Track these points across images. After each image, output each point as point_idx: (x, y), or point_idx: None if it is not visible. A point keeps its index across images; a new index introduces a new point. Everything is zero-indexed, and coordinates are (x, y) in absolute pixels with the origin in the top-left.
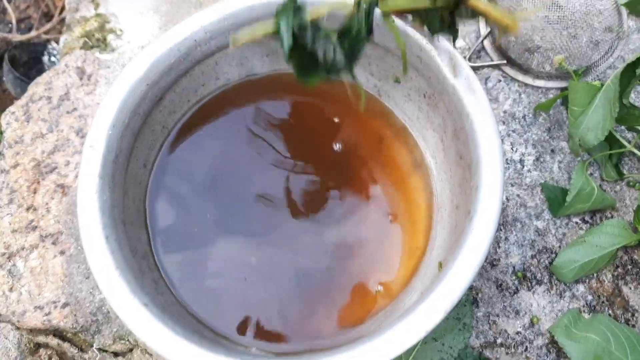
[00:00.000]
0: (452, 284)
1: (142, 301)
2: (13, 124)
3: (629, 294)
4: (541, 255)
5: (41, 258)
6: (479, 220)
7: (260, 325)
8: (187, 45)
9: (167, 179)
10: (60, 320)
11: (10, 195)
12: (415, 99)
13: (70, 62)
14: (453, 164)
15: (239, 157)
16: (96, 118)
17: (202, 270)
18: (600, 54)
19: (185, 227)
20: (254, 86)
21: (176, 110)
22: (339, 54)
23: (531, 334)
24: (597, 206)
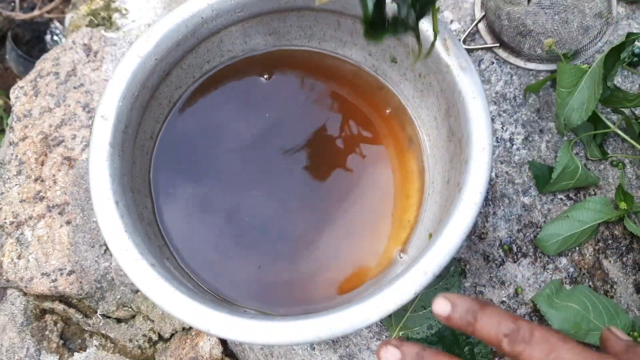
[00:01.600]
0: (441, 248)
1: (150, 262)
2: (22, 98)
3: (608, 266)
4: (527, 230)
5: (48, 227)
6: (468, 190)
7: (259, 289)
8: (194, 22)
9: (170, 150)
10: (66, 286)
11: (18, 166)
12: (410, 79)
13: (77, 39)
14: (445, 141)
15: (239, 129)
16: (107, 90)
17: (203, 237)
18: (590, 38)
19: (186, 196)
20: (255, 62)
21: (182, 85)
22: (412, 13)
23: (515, 303)
24: (581, 184)
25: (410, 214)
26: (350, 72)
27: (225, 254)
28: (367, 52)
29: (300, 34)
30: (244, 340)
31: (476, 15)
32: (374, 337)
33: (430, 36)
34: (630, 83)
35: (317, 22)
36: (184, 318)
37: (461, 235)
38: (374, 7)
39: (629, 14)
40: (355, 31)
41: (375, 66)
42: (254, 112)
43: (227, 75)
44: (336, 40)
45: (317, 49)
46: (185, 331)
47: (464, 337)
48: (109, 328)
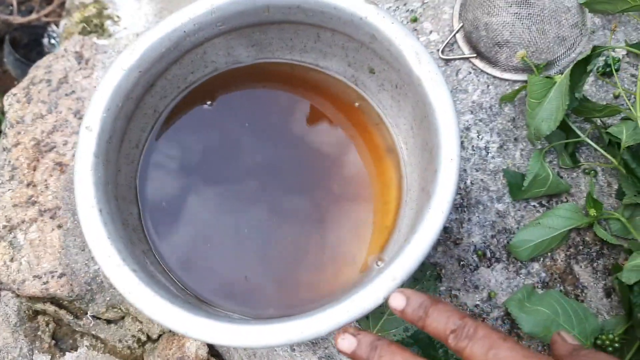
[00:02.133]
0: (409, 255)
1: (131, 267)
2: (15, 105)
3: (579, 272)
4: (501, 236)
5: (40, 231)
6: (436, 199)
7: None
8: (177, 36)
9: (156, 159)
10: (57, 289)
11: (11, 172)
12: (388, 89)
13: (69, 47)
14: (421, 150)
15: (224, 140)
16: (92, 101)
17: (188, 243)
18: (565, 49)
19: (172, 203)
20: (239, 74)
21: (167, 95)
22: None
23: (488, 307)
24: (553, 191)
25: (388, 219)
26: (332, 84)
27: (209, 260)
28: (347, 63)
29: (282, 46)
30: (219, 343)
31: (454, 26)
32: None
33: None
34: (604, 92)
35: (298, 35)
36: (163, 321)
37: (429, 243)
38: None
39: (605, 24)
40: (334, 43)
41: (355, 77)
42: (238, 122)
43: (211, 87)
44: (317, 52)
45: (298, 61)
46: (172, 332)
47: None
48: (99, 329)
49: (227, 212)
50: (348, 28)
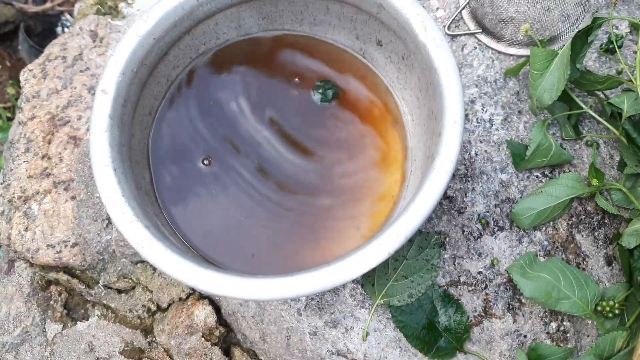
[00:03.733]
0: (413, 213)
1: (144, 224)
2: (31, 80)
3: (581, 240)
4: (504, 205)
5: (54, 202)
6: (440, 159)
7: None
8: (190, 5)
9: (168, 127)
10: (70, 258)
11: (27, 144)
12: (395, 61)
13: (84, 26)
14: (426, 119)
15: (234, 111)
16: (108, 66)
17: (198, 208)
18: (568, 25)
19: (183, 169)
20: (250, 44)
21: (179, 65)
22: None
23: (491, 274)
24: (556, 161)
25: (394, 189)
26: (340, 57)
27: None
28: (355, 36)
29: (292, 19)
30: (227, 295)
31: (460, 2)
32: (358, 304)
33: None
34: (608, 69)
35: (307, 7)
36: (174, 274)
37: (433, 202)
38: None
39: (608, 3)
40: (343, 15)
41: (363, 49)
42: (249, 93)
43: (223, 58)
44: (325, 24)
45: (308, 33)
46: (181, 301)
47: (442, 306)
48: (110, 298)
49: (236, 181)
50: None
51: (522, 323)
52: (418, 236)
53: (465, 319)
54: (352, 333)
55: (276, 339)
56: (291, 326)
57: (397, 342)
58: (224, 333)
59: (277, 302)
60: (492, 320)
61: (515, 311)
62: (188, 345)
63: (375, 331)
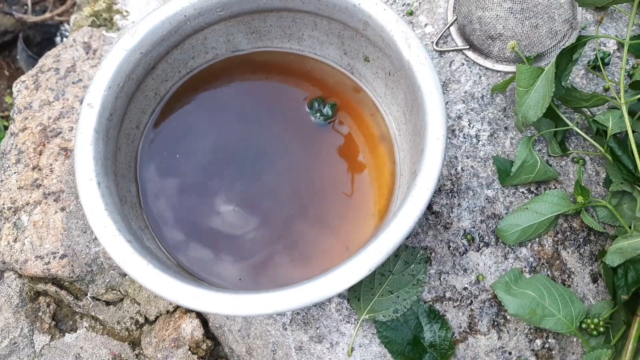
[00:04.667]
0: (395, 230)
1: (126, 238)
2: (23, 92)
3: (566, 257)
4: (490, 221)
5: (43, 213)
6: (422, 177)
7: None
8: (177, 20)
9: (156, 141)
10: (58, 269)
11: (18, 155)
12: (382, 77)
13: (77, 38)
14: (412, 135)
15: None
16: (94, 80)
17: (185, 223)
18: (555, 41)
19: (171, 183)
20: (238, 62)
21: (168, 79)
22: None
23: (477, 289)
24: (541, 178)
25: (381, 203)
26: (328, 74)
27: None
28: (343, 51)
29: (280, 34)
30: (209, 311)
31: (449, 19)
32: (344, 319)
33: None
34: (595, 85)
35: (295, 23)
36: (155, 289)
37: (414, 218)
38: None
39: (597, 21)
40: (330, 31)
41: (351, 65)
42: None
43: (213, 73)
44: (314, 40)
45: (297, 50)
46: (169, 314)
47: (427, 321)
48: (98, 310)
49: (225, 195)
50: (343, 15)
51: (507, 340)
52: (404, 251)
53: (450, 335)
54: (337, 348)
55: (262, 354)
56: (277, 340)
57: (382, 358)
58: (210, 346)
59: (262, 317)
60: (477, 336)
61: (500, 328)
62: (175, 358)
63: (360, 346)
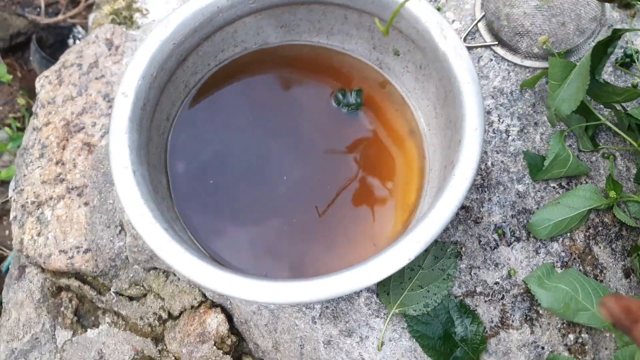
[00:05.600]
0: (434, 220)
1: (163, 226)
2: (46, 87)
3: (598, 252)
4: (520, 215)
5: (67, 208)
6: (460, 166)
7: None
8: (210, 11)
9: (185, 133)
10: (82, 264)
11: (41, 150)
12: (412, 70)
13: (100, 34)
14: (444, 129)
15: (251, 118)
16: (128, 70)
17: (214, 214)
18: (583, 38)
19: (200, 175)
20: (266, 55)
21: (197, 71)
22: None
23: (508, 284)
24: (573, 172)
25: (410, 198)
26: (356, 68)
27: (235, 233)
28: (372, 46)
29: (310, 28)
30: (248, 298)
31: (476, 15)
32: (373, 314)
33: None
34: (623, 82)
35: (325, 16)
36: (193, 277)
37: (453, 208)
38: None
39: (623, 19)
40: (361, 24)
41: (380, 59)
42: (264, 102)
43: (240, 67)
44: (343, 34)
45: (325, 44)
46: (193, 309)
47: (458, 316)
48: (121, 305)
49: (253, 187)
50: (376, 7)
51: (540, 334)
52: (434, 246)
53: (481, 330)
54: (366, 342)
55: (289, 348)
56: (305, 335)
57: (413, 352)
58: (235, 342)
59: (292, 310)
60: (509, 331)
61: (533, 322)
62: (200, 353)
63: (390, 341)
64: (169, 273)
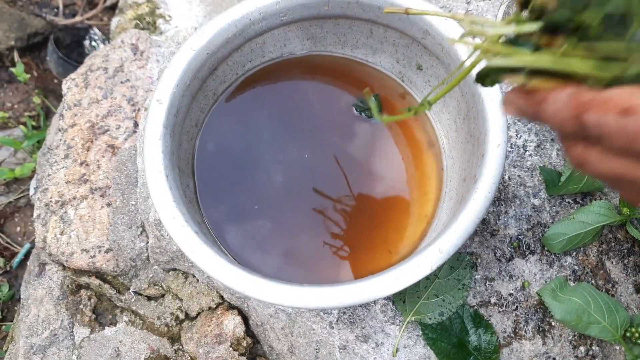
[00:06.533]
0: (456, 231)
1: (194, 229)
2: (73, 89)
3: (610, 267)
4: (536, 229)
5: (90, 208)
6: (483, 181)
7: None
8: (243, 23)
9: (211, 138)
10: (103, 263)
11: (66, 150)
12: (434, 85)
13: (125, 39)
14: (463, 142)
15: (273, 126)
16: (163, 77)
17: (237, 219)
18: None
19: (225, 181)
20: (290, 65)
21: (226, 80)
22: None
23: (522, 296)
24: (588, 188)
25: (427, 209)
26: (377, 79)
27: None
28: (395, 60)
29: (335, 40)
30: (277, 303)
31: None
32: (389, 320)
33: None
34: None
35: (352, 30)
36: (223, 279)
37: (475, 220)
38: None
39: None
40: (385, 39)
41: (402, 73)
42: (288, 110)
43: (265, 74)
44: (367, 47)
45: (349, 56)
46: (211, 310)
47: (472, 325)
48: (139, 305)
49: (273, 192)
50: (402, 23)
51: (552, 346)
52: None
53: (495, 340)
54: (382, 348)
55: (304, 352)
56: (321, 339)
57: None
58: (250, 344)
59: (310, 315)
60: (521, 341)
61: (545, 334)
62: (216, 354)
63: (405, 347)
64: (188, 274)
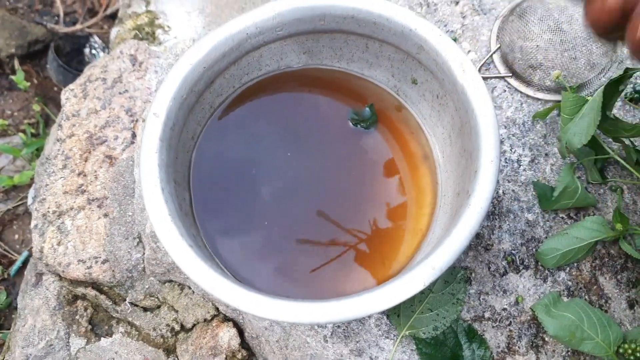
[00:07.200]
0: (449, 247)
1: (188, 243)
2: (71, 100)
3: (604, 283)
4: (529, 244)
5: (87, 218)
6: (475, 197)
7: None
8: (240, 37)
9: (207, 150)
10: (99, 274)
11: (64, 161)
12: (429, 99)
13: (124, 50)
14: (458, 156)
15: (269, 139)
16: (160, 91)
17: (233, 233)
18: (595, 73)
19: (220, 194)
20: (287, 77)
21: (223, 93)
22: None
23: (516, 311)
24: (581, 204)
25: (422, 223)
26: (373, 92)
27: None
28: (391, 74)
29: (331, 54)
30: (271, 318)
31: (492, 47)
32: (383, 335)
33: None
34: (632, 117)
35: (347, 44)
36: (217, 294)
37: (467, 236)
38: None
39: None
40: (381, 54)
41: (397, 87)
42: (285, 123)
43: (261, 86)
44: (363, 62)
45: (345, 69)
46: (206, 322)
47: (466, 340)
48: (135, 316)
49: (269, 204)
50: (397, 39)
51: None
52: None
53: (488, 355)
54: None
55: None
56: (315, 352)
57: None
58: (245, 356)
59: (304, 328)
60: (515, 357)
61: (539, 349)
62: None
63: None
64: (184, 286)
